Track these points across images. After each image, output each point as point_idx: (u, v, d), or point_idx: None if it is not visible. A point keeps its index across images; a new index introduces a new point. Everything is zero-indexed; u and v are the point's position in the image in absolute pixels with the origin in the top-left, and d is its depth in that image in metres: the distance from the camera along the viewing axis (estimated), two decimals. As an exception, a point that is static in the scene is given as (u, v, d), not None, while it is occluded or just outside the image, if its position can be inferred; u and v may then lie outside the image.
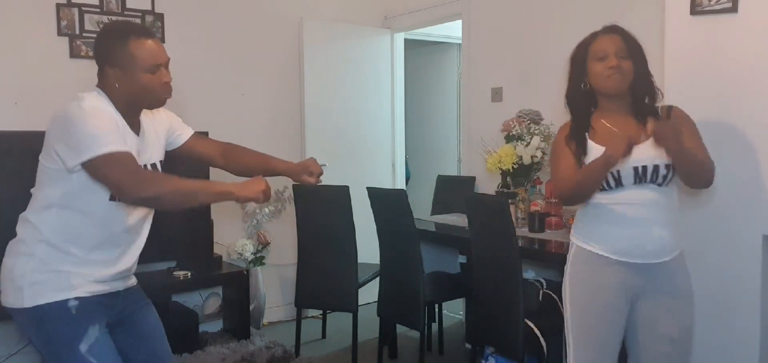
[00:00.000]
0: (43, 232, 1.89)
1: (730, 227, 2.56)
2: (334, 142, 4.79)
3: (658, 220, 2.11)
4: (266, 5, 4.52)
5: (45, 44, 3.69)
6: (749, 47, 2.47)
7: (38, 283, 1.87)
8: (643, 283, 2.14)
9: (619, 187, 2.11)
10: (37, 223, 1.91)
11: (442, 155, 6.06)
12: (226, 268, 4.09)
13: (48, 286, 1.87)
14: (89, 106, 1.84)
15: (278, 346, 3.87)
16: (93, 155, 1.78)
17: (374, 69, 5.03)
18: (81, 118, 1.81)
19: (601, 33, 2.19)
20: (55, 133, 1.85)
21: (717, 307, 2.62)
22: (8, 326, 3.47)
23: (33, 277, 1.87)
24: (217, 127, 4.15)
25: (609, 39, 2.15)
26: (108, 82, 1.93)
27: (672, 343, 2.15)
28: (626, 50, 2.13)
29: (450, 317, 4.60)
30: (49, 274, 1.88)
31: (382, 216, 3.65)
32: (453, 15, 4.65)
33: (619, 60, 2.11)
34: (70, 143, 1.81)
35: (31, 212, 1.95)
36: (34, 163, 1.97)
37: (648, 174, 2.09)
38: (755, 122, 2.48)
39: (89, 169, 1.82)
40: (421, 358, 3.57)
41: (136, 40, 1.90)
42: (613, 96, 2.16)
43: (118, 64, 1.90)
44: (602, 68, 2.13)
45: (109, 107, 1.90)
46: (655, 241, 2.11)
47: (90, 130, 1.80)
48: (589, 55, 2.17)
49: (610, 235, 2.14)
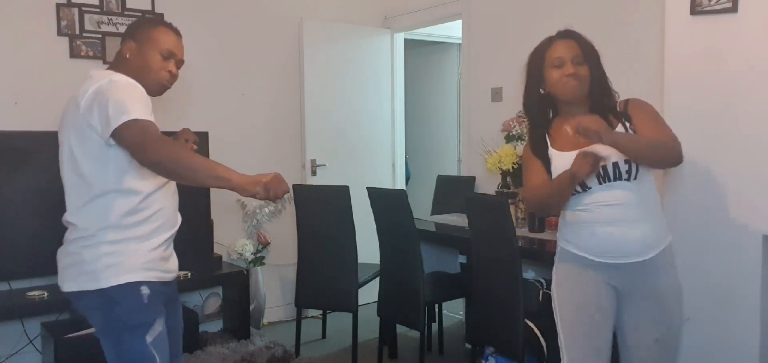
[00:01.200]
0: (109, 218, 1.89)
1: (730, 227, 2.56)
2: (334, 142, 4.79)
3: (634, 217, 2.09)
4: (266, 5, 4.52)
5: (45, 44, 3.69)
6: (749, 47, 2.47)
7: (112, 265, 1.89)
8: (626, 283, 2.13)
9: (587, 191, 2.11)
10: (97, 213, 1.90)
11: (442, 155, 6.06)
12: (226, 268, 4.09)
13: (122, 268, 1.90)
14: (119, 79, 1.91)
15: (278, 346, 3.87)
16: (124, 120, 1.81)
17: (374, 69, 5.03)
18: (113, 89, 1.86)
19: (557, 38, 2.18)
20: (87, 110, 1.86)
21: (717, 307, 2.62)
22: (8, 326, 3.48)
23: (107, 260, 1.89)
24: (217, 127, 4.16)
25: (565, 45, 2.15)
26: (120, 55, 2.03)
27: (658, 343, 2.14)
28: (582, 56, 2.13)
29: (450, 317, 4.60)
30: (121, 257, 1.90)
31: (382, 216, 3.65)
32: (453, 15, 4.65)
33: (575, 67, 2.11)
34: (102, 114, 1.83)
35: (84, 206, 1.92)
36: (34, 163, 1.97)
37: (610, 173, 2.08)
38: (755, 122, 2.48)
39: (117, 136, 1.83)
40: (421, 358, 3.57)
41: (164, 28, 2.07)
42: (570, 102, 2.17)
43: (137, 39, 2.02)
44: (559, 75, 2.13)
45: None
46: (635, 240, 2.10)
47: (121, 97, 1.84)
48: (546, 61, 2.16)
49: (590, 237, 2.13)
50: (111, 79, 1.90)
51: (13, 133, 3.43)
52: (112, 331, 1.93)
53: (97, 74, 1.95)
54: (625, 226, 2.09)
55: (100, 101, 1.84)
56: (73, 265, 1.93)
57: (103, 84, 1.87)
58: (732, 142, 2.54)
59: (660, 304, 2.14)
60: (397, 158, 5.21)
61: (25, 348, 3.55)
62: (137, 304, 1.92)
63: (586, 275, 2.15)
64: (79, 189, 1.92)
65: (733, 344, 2.58)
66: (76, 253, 1.92)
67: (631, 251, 2.10)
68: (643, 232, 2.10)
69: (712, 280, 2.63)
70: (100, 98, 1.84)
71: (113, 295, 1.89)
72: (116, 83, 1.89)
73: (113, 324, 1.92)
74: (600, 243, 2.11)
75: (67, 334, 3.21)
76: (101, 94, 1.85)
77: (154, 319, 1.94)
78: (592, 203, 2.11)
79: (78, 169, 1.91)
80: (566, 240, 2.22)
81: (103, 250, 1.89)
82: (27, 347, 3.55)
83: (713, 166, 2.60)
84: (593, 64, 2.14)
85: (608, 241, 2.10)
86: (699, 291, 2.67)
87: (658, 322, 2.14)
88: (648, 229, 2.11)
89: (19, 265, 3.41)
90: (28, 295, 3.33)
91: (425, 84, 6.29)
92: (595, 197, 2.10)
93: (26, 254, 3.41)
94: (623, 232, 2.09)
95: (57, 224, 2.04)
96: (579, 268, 2.16)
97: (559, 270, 2.24)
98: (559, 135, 2.20)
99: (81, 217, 1.92)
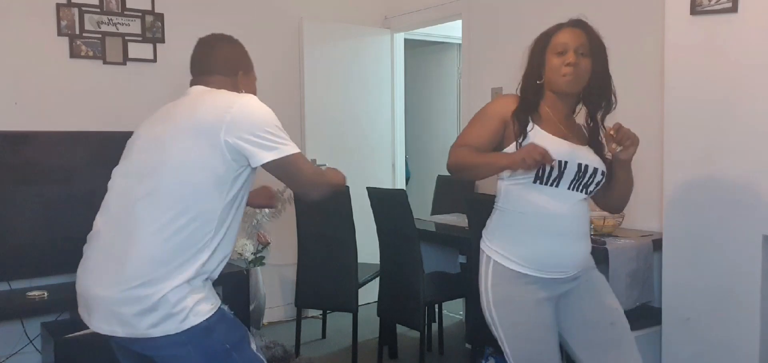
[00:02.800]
0: (203, 258, 1.77)
1: (730, 227, 2.56)
2: (334, 142, 4.79)
3: (580, 233, 2.05)
4: (266, 5, 4.52)
5: (45, 44, 3.69)
6: (749, 47, 2.48)
7: (200, 301, 1.76)
8: (562, 292, 2.07)
9: (556, 184, 1.98)
10: (171, 249, 1.73)
11: (442, 155, 6.00)
12: (226, 268, 4.07)
13: (207, 300, 1.78)
14: (262, 105, 1.88)
15: (278, 346, 3.86)
16: (287, 153, 1.80)
17: (374, 69, 5.03)
18: (267, 115, 1.83)
19: (567, 25, 2.06)
20: (230, 128, 1.74)
21: (717, 306, 2.62)
22: (8, 326, 3.48)
23: (194, 297, 1.74)
24: (217, 127, 4.16)
25: (572, 33, 2.02)
26: (234, 87, 2.01)
27: (614, 326, 2.09)
28: (588, 47, 2.00)
29: (450, 317, 4.60)
30: (204, 291, 1.79)
31: (382, 216, 3.65)
32: (453, 15, 4.65)
33: (578, 57, 1.98)
34: (261, 140, 1.77)
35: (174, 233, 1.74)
36: (34, 163, 1.94)
37: (587, 175, 2.00)
38: (755, 122, 2.48)
39: (274, 166, 1.81)
40: (421, 358, 3.56)
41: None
42: (564, 94, 2.05)
43: (247, 68, 2.13)
44: (559, 63, 2.00)
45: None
46: (579, 256, 2.05)
47: (277, 125, 1.83)
48: (550, 46, 2.03)
49: (537, 248, 2.01)
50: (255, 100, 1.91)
51: (13, 133, 3.43)
52: (217, 357, 1.78)
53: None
54: (570, 241, 2.02)
55: (254, 124, 1.80)
56: (151, 309, 1.70)
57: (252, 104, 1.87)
58: (732, 141, 2.54)
59: (600, 292, 2.11)
60: (397, 158, 5.21)
61: (25, 348, 3.55)
62: (229, 321, 1.85)
63: (527, 294, 2.02)
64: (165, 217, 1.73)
65: (732, 344, 2.58)
66: (155, 295, 1.70)
67: (574, 265, 2.05)
68: (586, 247, 2.08)
69: (712, 280, 2.63)
70: (252, 120, 1.81)
71: (207, 325, 1.76)
72: (264, 108, 1.89)
73: (216, 350, 1.78)
74: (548, 256, 2.01)
75: (67, 334, 3.21)
76: (254, 115, 1.82)
77: (247, 330, 1.89)
78: (545, 211, 1.99)
79: (174, 194, 1.74)
80: (501, 251, 2.05)
81: (189, 289, 1.73)
82: (27, 347, 3.55)
83: (713, 165, 2.60)
84: (597, 60, 2.02)
85: (553, 255, 2.01)
86: (699, 291, 2.67)
87: (607, 307, 2.10)
88: (587, 244, 2.08)
89: (19, 265, 3.41)
90: (28, 295, 3.33)
91: (425, 84, 6.29)
92: (553, 201, 1.98)
93: (26, 254, 3.41)
94: (571, 247, 2.02)
95: (56, 224, 2.03)
96: (520, 288, 2.02)
97: (495, 289, 2.05)
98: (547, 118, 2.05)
99: (164, 248, 1.73)
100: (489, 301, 2.07)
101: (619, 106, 2.12)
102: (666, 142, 2.77)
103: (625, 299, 2.88)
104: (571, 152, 1.99)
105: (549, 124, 2.04)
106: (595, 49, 2.02)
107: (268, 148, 1.78)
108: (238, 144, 1.75)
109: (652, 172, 3.09)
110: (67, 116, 3.71)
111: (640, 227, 3.25)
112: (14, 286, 3.45)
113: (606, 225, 3.03)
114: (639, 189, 2.25)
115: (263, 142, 1.78)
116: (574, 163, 1.98)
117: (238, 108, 1.79)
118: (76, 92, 3.74)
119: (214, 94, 1.89)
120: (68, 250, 3.35)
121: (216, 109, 1.79)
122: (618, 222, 3.08)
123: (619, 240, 2.98)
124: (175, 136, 1.79)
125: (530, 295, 2.02)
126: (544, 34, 2.08)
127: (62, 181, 3.46)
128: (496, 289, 2.05)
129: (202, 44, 2.04)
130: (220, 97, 1.86)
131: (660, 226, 2.96)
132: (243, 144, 1.76)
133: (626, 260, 2.90)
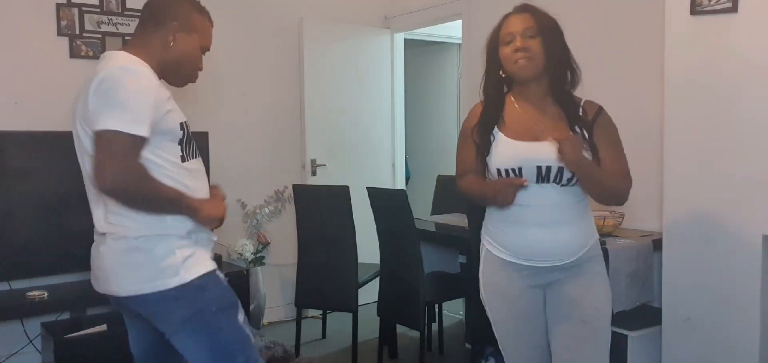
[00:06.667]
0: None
1: (730, 227, 2.56)
2: (334, 142, 4.79)
3: (563, 221, 2.01)
4: (266, 5, 4.52)
5: (45, 44, 3.69)
6: (749, 47, 2.48)
7: (190, 256, 1.81)
8: (551, 280, 2.06)
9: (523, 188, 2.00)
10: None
11: (442, 155, 6.06)
12: (226, 268, 4.09)
13: (198, 257, 1.84)
14: (134, 74, 1.76)
15: (278, 346, 3.86)
16: (100, 128, 1.70)
17: (374, 69, 5.03)
18: (120, 85, 1.72)
19: (511, 13, 2.03)
20: (93, 95, 1.74)
21: (717, 306, 2.62)
22: (8, 326, 3.48)
23: (183, 252, 1.80)
24: (217, 127, 4.16)
25: (517, 19, 2.00)
26: (161, 37, 1.88)
27: (585, 324, 2.04)
28: (536, 29, 1.97)
29: (450, 317, 4.60)
30: (194, 247, 1.84)
31: (382, 216, 3.65)
32: (453, 15, 4.65)
33: (524, 40, 1.96)
34: (98, 106, 1.72)
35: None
36: (34, 164, 1.95)
37: (551, 174, 1.98)
38: (755, 122, 2.48)
39: (95, 139, 1.72)
40: (421, 358, 3.56)
41: (208, 19, 2.00)
42: (525, 81, 2.03)
43: (185, 25, 1.90)
44: (510, 52, 1.99)
45: (147, 70, 1.82)
46: (560, 244, 2.02)
47: (122, 99, 1.71)
48: (499, 38, 2.03)
49: (517, 238, 2.05)
50: (126, 68, 1.77)
51: (13, 133, 3.43)
52: (203, 318, 1.82)
53: (114, 56, 1.83)
54: (554, 230, 2.01)
55: (107, 91, 1.73)
56: (139, 265, 1.79)
57: (116, 73, 1.75)
58: (732, 141, 2.54)
59: (585, 287, 2.05)
60: (397, 158, 5.21)
61: (25, 348, 3.55)
62: (222, 286, 1.88)
63: (515, 281, 2.08)
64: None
65: (732, 344, 2.58)
66: (141, 249, 1.78)
67: (557, 254, 2.03)
68: (570, 236, 2.03)
69: (711, 280, 2.63)
70: (105, 87, 1.73)
71: (199, 284, 1.81)
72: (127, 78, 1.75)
73: (204, 310, 1.82)
74: (528, 245, 2.04)
75: (67, 334, 3.21)
76: (107, 82, 1.73)
77: (238, 302, 1.90)
78: (525, 204, 2.01)
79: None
80: (492, 241, 2.13)
81: (175, 244, 1.80)
82: (27, 347, 3.55)
83: (713, 165, 2.60)
84: (549, 39, 1.98)
85: (536, 244, 2.02)
86: (698, 291, 2.67)
87: (585, 304, 2.04)
88: (573, 233, 2.03)
89: (19, 265, 3.41)
90: (28, 295, 3.33)
91: (425, 84, 6.29)
92: (529, 196, 2.00)
93: (26, 254, 3.41)
94: (553, 236, 2.01)
95: (56, 224, 2.03)
96: (509, 274, 2.09)
97: (485, 275, 2.16)
98: (510, 118, 2.06)
99: (128, 217, 1.78)
100: (483, 287, 2.18)
101: (619, 106, 2.12)
102: (666, 142, 2.77)
103: (625, 299, 2.88)
104: (528, 157, 1.98)
105: (512, 125, 2.05)
106: (544, 28, 1.99)
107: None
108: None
109: (652, 171, 3.09)
110: (67, 116, 3.68)
111: (640, 227, 3.25)
112: (14, 286, 3.45)
113: (606, 225, 3.02)
114: (639, 189, 2.24)
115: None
116: (532, 166, 1.98)
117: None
118: (76, 92, 3.73)
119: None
120: (68, 250, 3.39)
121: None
122: (618, 222, 3.08)
123: (619, 240, 2.98)
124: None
125: (516, 282, 2.08)
126: (494, 30, 2.07)
127: (62, 181, 3.46)
128: (487, 276, 2.16)
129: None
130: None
131: (660, 226, 2.96)
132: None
133: (626, 260, 2.90)
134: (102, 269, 1.85)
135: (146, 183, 1.75)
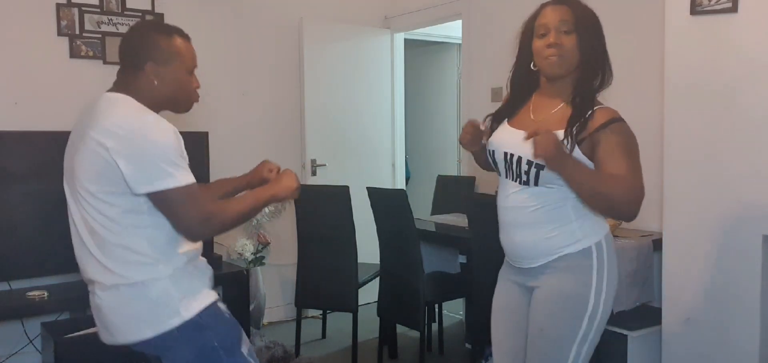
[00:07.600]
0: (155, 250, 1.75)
1: (730, 227, 2.56)
2: (334, 142, 4.79)
3: (519, 224, 1.92)
4: (266, 5, 4.52)
5: (45, 44, 3.69)
6: (749, 47, 2.48)
7: (187, 293, 1.78)
8: (533, 282, 1.96)
9: (500, 174, 1.99)
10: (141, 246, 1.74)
11: (442, 155, 6.06)
12: (226, 268, 4.08)
13: (196, 293, 1.81)
14: (154, 120, 1.71)
15: (278, 346, 3.86)
16: (167, 187, 1.67)
17: (374, 69, 5.03)
18: (149, 133, 1.68)
19: (550, 3, 1.90)
20: (117, 146, 1.67)
21: (717, 307, 2.62)
22: (8, 326, 3.48)
23: (180, 291, 1.77)
24: (218, 127, 4.16)
25: (553, 11, 1.86)
26: (144, 80, 1.80)
27: (542, 333, 1.92)
28: (573, 23, 1.83)
29: (450, 317, 4.60)
30: (190, 283, 1.81)
31: (382, 216, 3.65)
32: (453, 15, 4.65)
33: (558, 36, 1.82)
34: (139, 164, 1.66)
35: (115, 249, 1.75)
36: (34, 163, 1.94)
37: (515, 164, 1.87)
38: (755, 122, 2.48)
39: (155, 199, 1.69)
40: (421, 358, 3.57)
41: (180, 38, 1.85)
42: (553, 78, 1.91)
43: (161, 59, 1.80)
44: (542, 46, 1.86)
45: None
46: (517, 246, 1.95)
47: (162, 150, 1.67)
48: (535, 30, 1.90)
49: (502, 236, 2.03)
50: (144, 116, 1.71)
51: (13, 133, 3.43)
52: (209, 358, 1.81)
53: (117, 104, 1.75)
54: (511, 231, 1.96)
55: (137, 144, 1.67)
56: (137, 312, 1.76)
57: (133, 125, 1.69)
58: (732, 141, 2.55)
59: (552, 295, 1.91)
60: (397, 158, 5.21)
61: (25, 348, 3.55)
62: (223, 321, 1.86)
63: (503, 280, 2.10)
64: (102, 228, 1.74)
65: (732, 344, 2.58)
66: (137, 298, 1.75)
67: (523, 256, 1.95)
68: (525, 241, 1.92)
69: (711, 280, 2.63)
70: (134, 140, 1.67)
71: (199, 321, 1.78)
72: (150, 124, 1.70)
73: (208, 350, 1.80)
74: (505, 244, 2.03)
75: (67, 334, 3.21)
76: (135, 133, 1.67)
77: (241, 331, 1.89)
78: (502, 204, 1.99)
79: (102, 212, 1.73)
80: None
81: (169, 284, 1.76)
82: (27, 347, 3.55)
83: (713, 165, 2.61)
84: (585, 36, 1.83)
85: (509, 244, 2.00)
86: (699, 291, 2.67)
87: (545, 313, 1.91)
88: (533, 238, 1.90)
89: (19, 265, 3.41)
90: (28, 295, 3.33)
91: (425, 84, 6.29)
92: (505, 197, 1.96)
93: (26, 254, 3.41)
94: (511, 237, 1.97)
95: (56, 224, 2.02)
96: (502, 272, 2.12)
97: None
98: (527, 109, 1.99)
99: (117, 263, 1.75)
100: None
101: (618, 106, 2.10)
102: (666, 142, 2.77)
103: (625, 299, 2.88)
104: (502, 142, 1.94)
105: (520, 115, 2.00)
106: (581, 24, 1.84)
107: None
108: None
109: (652, 171, 3.08)
110: (67, 116, 3.66)
111: (640, 227, 3.25)
112: (14, 286, 3.45)
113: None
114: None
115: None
116: (500, 151, 1.94)
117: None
118: (76, 92, 3.73)
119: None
120: (68, 250, 3.36)
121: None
122: (618, 222, 3.08)
123: (619, 240, 2.98)
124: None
125: (505, 276, 2.09)
126: (529, 19, 1.95)
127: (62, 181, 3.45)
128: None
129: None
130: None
131: (660, 226, 2.96)
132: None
133: (626, 260, 2.90)
134: (103, 322, 1.84)
135: (225, 214, 1.80)
